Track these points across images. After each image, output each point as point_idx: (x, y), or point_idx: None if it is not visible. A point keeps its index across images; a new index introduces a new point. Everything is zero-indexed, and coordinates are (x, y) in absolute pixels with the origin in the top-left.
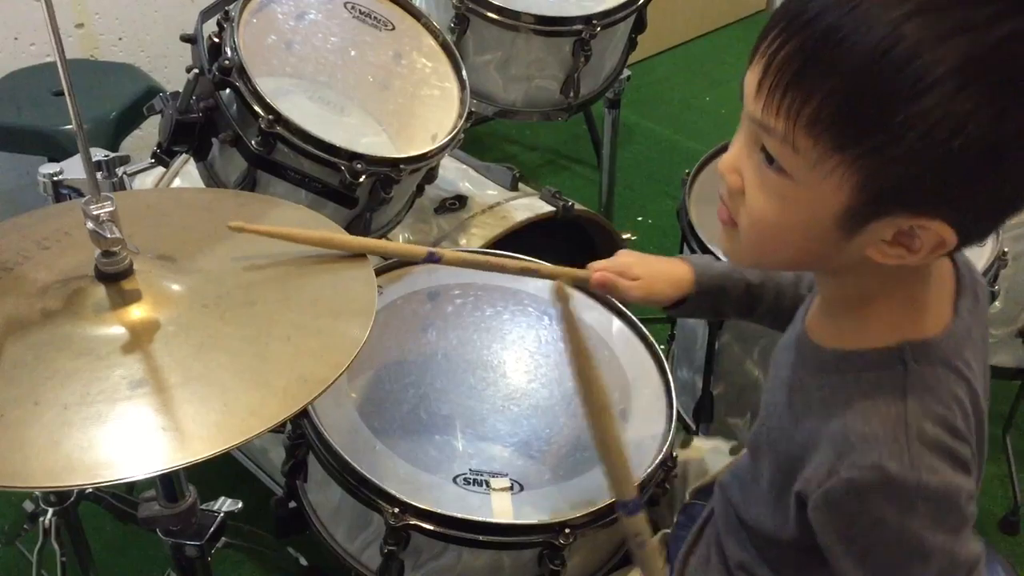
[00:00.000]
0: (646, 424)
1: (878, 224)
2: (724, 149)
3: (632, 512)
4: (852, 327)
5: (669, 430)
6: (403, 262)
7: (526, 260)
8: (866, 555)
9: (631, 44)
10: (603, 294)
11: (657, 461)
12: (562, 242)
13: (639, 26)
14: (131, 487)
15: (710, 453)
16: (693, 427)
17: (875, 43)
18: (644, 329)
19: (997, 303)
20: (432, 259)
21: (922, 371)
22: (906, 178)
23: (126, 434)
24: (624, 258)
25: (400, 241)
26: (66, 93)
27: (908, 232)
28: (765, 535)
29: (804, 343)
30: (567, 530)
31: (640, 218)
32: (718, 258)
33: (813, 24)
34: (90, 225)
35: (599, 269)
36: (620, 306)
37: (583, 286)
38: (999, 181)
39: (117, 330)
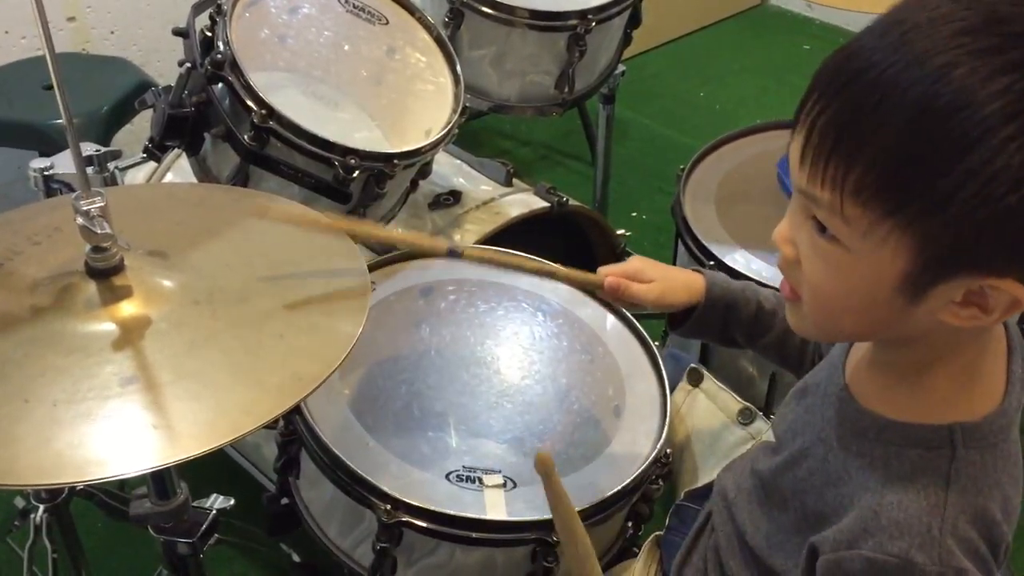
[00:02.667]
0: (640, 420)
1: (945, 287)
2: (719, 144)
3: None
4: (903, 396)
5: (663, 426)
6: (395, 258)
7: (543, 262)
8: None
9: (626, 39)
10: (614, 300)
11: (651, 458)
12: (556, 238)
13: (634, 21)
14: (123, 484)
15: (714, 418)
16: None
17: (916, 99)
18: (638, 325)
19: None
20: (453, 255)
21: (970, 457)
22: (965, 239)
23: (117, 431)
24: (636, 263)
25: None
26: (55, 87)
27: (979, 292)
28: (773, 568)
29: (847, 402)
30: None
31: (634, 214)
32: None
33: (850, 87)
34: (80, 221)
35: (610, 274)
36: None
37: (595, 291)
38: None
39: (108, 326)
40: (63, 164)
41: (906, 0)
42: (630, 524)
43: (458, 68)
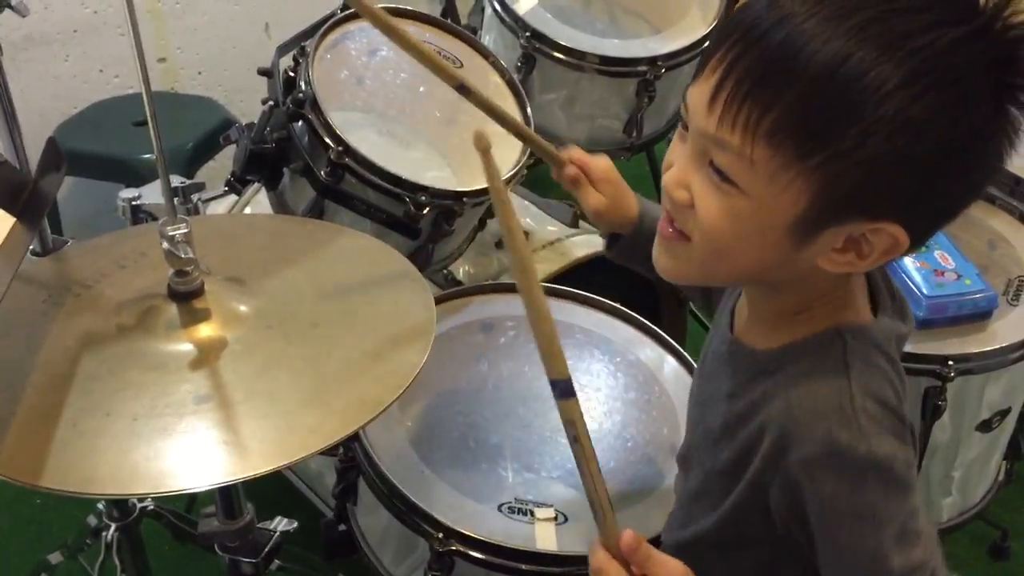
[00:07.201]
0: None
1: (831, 232)
2: None
3: (564, 395)
4: (788, 328)
5: None
6: (458, 293)
7: (517, 123)
8: (821, 526)
9: None
10: (568, 187)
11: None
12: (620, 280)
13: None
14: (191, 505)
15: None
16: None
17: (832, 55)
18: (696, 367)
19: None
20: (463, 90)
21: (859, 348)
22: (866, 182)
23: (190, 446)
24: (605, 166)
25: (460, 274)
26: (149, 122)
27: (859, 238)
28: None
29: (738, 351)
30: None
31: None
32: None
33: (769, 35)
34: (165, 245)
35: (576, 161)
36: (674, 344)
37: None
38: (954, 179)
39: (186, 347)
40: (150, 195)
41: None
42: None
43: (528, 111)
